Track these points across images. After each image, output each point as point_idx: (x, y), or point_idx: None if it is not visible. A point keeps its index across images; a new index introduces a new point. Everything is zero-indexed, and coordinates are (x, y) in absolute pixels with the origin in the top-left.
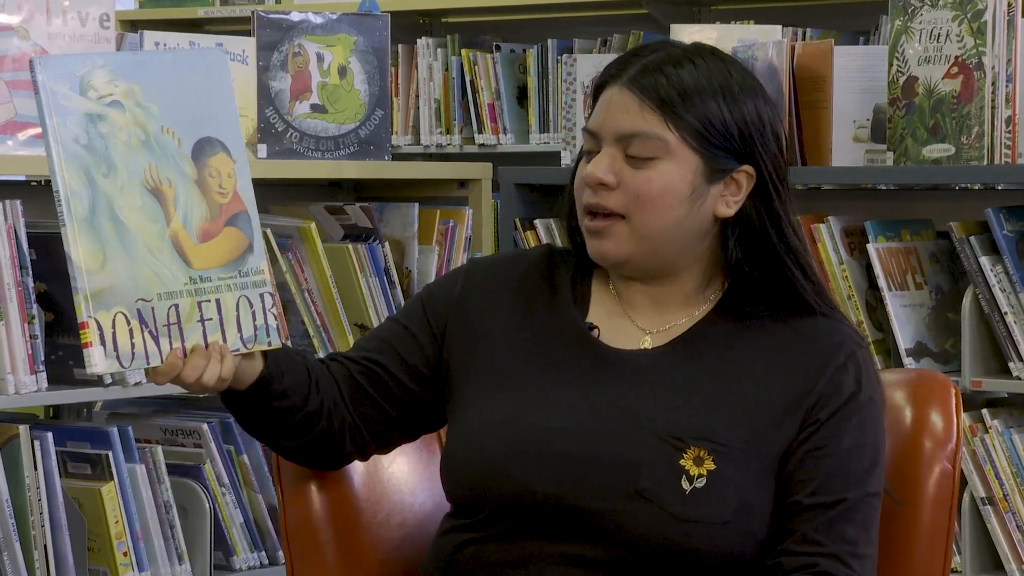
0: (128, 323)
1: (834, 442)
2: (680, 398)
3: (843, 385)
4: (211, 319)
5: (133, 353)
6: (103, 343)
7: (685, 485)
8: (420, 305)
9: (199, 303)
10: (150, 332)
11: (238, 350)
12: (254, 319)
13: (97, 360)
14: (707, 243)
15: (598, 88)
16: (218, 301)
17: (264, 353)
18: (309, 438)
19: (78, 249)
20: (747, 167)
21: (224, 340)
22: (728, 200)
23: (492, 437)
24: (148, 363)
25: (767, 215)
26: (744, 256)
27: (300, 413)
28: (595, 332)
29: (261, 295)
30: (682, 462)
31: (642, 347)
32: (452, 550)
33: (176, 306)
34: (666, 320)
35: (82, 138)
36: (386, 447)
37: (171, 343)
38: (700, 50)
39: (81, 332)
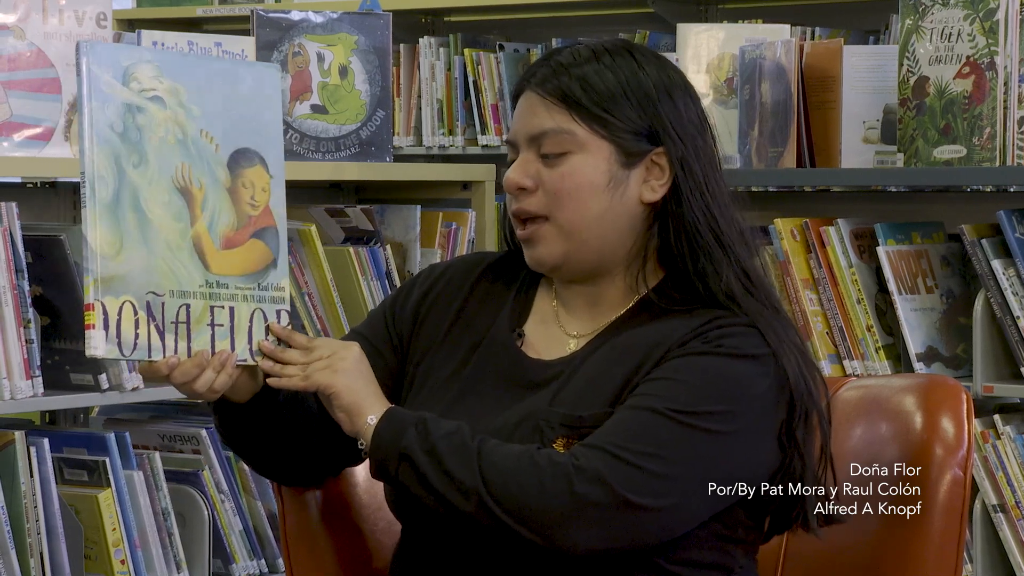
0: (135, 313)
1: (648, 381)
2: (565, 392)
3: (685, 343)
4: (222, 325)
5: (136, 344)
6: (106, 328)
7: None
8: (382, 318)
9: (212, 307)
10: (156, 326)
11: (245, 361)
12: (267, 335)
13: (97, 343)
14: (639, 232)
15: (514, 98)
16: (232, 309)
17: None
18: (293, 453)
19: (96, 233)
20: (663, 148)
21: (232, 348)
22: (653, 185)
23: None
24: (150, 356)
25: (681, 201)
26: (666, 245)
27: (282, 436)
28: (519, 342)
29: (278, 312)
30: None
31: (567, 352)
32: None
33: (187, 306)
34: (598, 321)
35: (117, 126)
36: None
37: (177, 341)
38: (610, 48)
39: (86, 313)
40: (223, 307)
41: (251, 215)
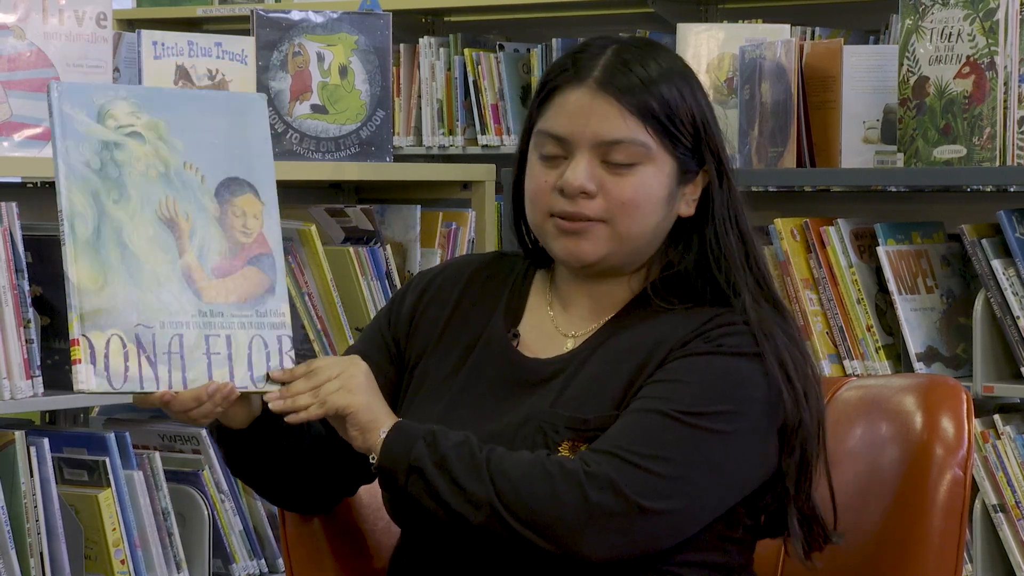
0: (124, 346)
1: (652, 382)
2: (567, 394)
3: (687, 343)
4: (219, 353)
5: (126, 376)
6: (93, 362)
7: None
8: (378, 329)
9: (207, 336)
10: (147, 357)
11: (246, 387)
12: (268, 360)
13: (84, 378)
14: (663, 240)
15: (553, 89)
16: (229, 337)
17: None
18: (305, 476)
19: (76, 269)
20: (705, 167)
21: (232, 376)
22: (688, 200)
23: None
24: (142, 387)
25: (708, 219)
26: (680, 252)
27: (291, 461)
28: (515, 341)
29: (279, 337)
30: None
31: (565, 351)
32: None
33: (180, 336)
34: (596, 319)
35: (94, 163)
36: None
37: (171, 372)
38: (648, 43)
39: (71, 349)
40: (219, 335)
41: (243, 243)
